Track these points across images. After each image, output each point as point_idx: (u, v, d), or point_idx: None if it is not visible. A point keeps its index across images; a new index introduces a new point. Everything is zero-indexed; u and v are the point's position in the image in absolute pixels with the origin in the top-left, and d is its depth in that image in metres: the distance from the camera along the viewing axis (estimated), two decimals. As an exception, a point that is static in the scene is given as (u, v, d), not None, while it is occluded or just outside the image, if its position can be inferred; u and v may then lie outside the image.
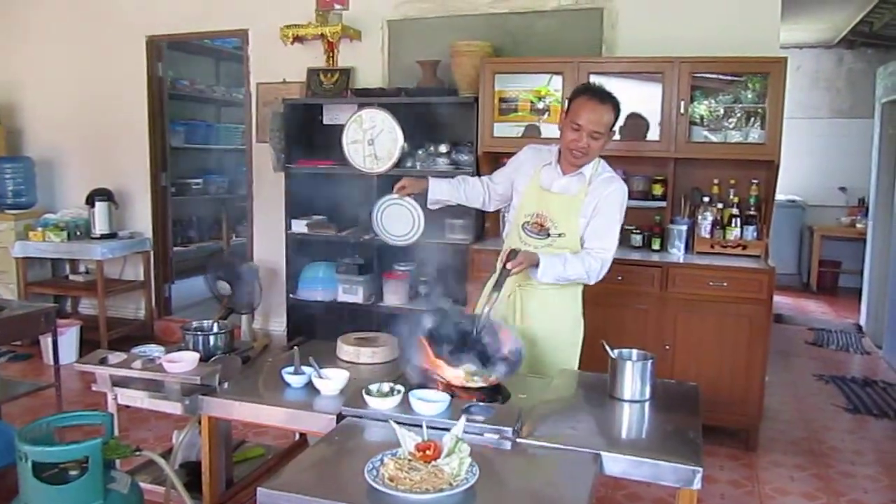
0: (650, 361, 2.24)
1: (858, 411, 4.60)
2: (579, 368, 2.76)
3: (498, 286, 2.46)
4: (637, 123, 4.30)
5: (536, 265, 2.54)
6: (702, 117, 4.24)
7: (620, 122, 4.24)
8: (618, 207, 2.69)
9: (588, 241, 2.68)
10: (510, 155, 2.98)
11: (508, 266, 2.46)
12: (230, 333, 2.72)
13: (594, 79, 4.16)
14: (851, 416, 4.54)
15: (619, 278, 3.97)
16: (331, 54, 5.11)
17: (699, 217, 4.26)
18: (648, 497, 3.39)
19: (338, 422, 2.04)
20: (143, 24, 5.75)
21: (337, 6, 5.03)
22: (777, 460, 3.86)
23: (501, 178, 2.90)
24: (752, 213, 4.21)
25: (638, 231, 4.39)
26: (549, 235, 2.67)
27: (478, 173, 4.08)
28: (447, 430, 1.77)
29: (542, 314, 2.72)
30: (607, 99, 2.60)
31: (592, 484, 1.73)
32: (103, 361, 2.51)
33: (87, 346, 5.08)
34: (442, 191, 2.87)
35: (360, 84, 5.07)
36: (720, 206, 4.27)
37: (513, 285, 2.67)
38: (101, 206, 5.60)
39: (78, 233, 5.68)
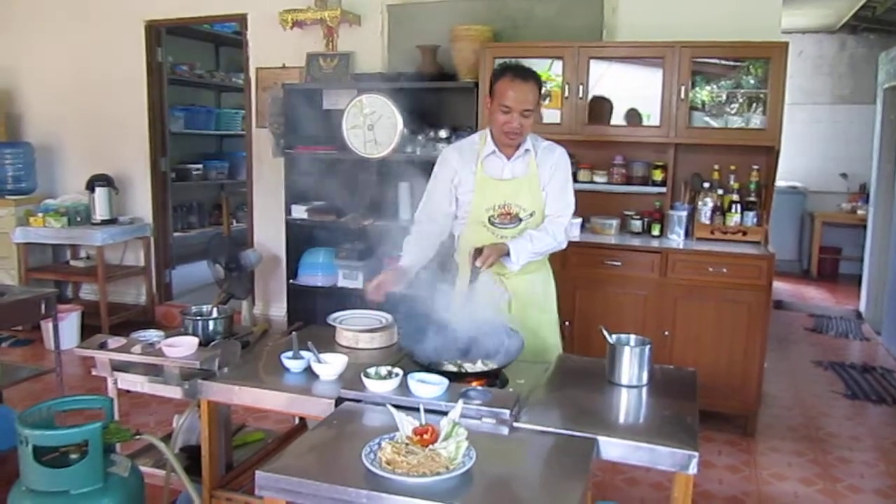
0: (647, 347, 2.24)
1: (857, 397, 4.61)
2: (564, 350, 2.82)
3: (472, 283, 2.49)
4: (603, 108, 4.38)
5: (506, 254, 2.56)
6: (703, 102, 4.23)
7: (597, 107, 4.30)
8: (567, 171, 2.76)
9: (547, 208, 2.72)
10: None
11: (477, 264, 2.45)
12: (229, 318, 2.73)
13: (594, 64, 4.18)
14: (850, 402, 4.55)
15: (619, 264, 3.98)
16: (330, 39, 5.09)
17: (699, 203, 4.26)
18: (646, 482, 3.41)
19: (336, 406, 2.04)
20: (142, 9, 5.73)
21: (336, -10, 5.01)
22: (775, 446, 3.87)
23: (442, 196, 2.75)
24: (752, 199, 4.20)
25: (638, 217, 4.39)
26: (520, 220, 2.68)
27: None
28: (445, 413, 1.77)
29: (531, 302, 2.75)
30: (529, 76, 2.61)
31: (589, 468, 1.74)
32: (103, 346, 2.53)
33: (88, 331, 5.09)
34: (418, 261, 2.70)
35: (360, 69, 5.05)
36: (720, 191, 4.26)
37: (494, 278, 2.68)
38: (101, 192, 5.60)
39: (78, 218, 5.68)
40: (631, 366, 2.22)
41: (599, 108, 4.39)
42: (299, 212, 4.88)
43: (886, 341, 5.78)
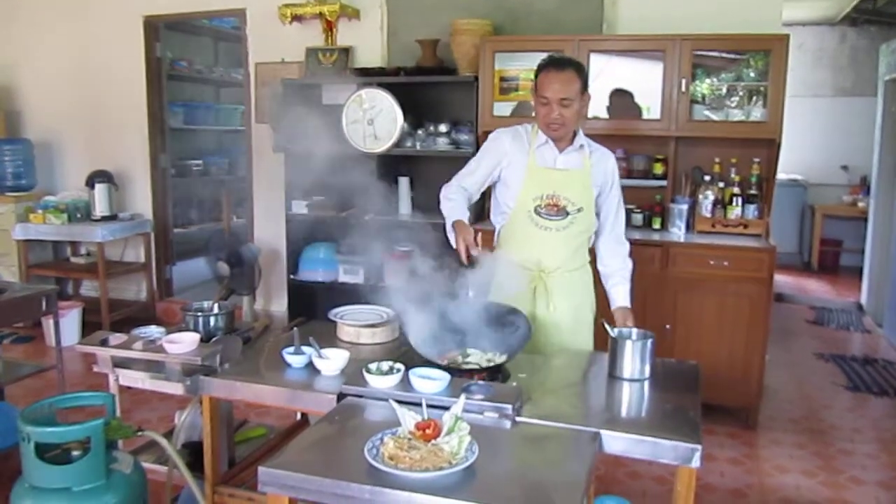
0: (650, 340, 2.24)
1: (858, 389, 4.61)
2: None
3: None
4: (624, 101, 4.31)
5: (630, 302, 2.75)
6: (703, 96, 4.22)
7: (605, 100, 4.30)
8: (618, 179, 2.80)
9: (607, 219, 2.77)
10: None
11: (612, 334, 2.34)
12: (231, 314, 2.72)
13: (595, 57, 4.17)
14: (851, 394, 4.56)
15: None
16: (329, 33, 5.08)
17: (700, 196, 4.25)
18: (648, 475, 3.41)
19: (338, 401, 2.04)
20: (141, 4, 5.71)
21: (335, -16, 4.99)
22: (777, 438, 3.88)
23: (482, 173, 2.71)
24: (753, 192, 4.20)
25: (639, 210, 4.39)
26: (567, 214, 2.63)
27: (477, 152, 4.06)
28: (447, 408, 1.77)
29: (568, 300, 2.70)
30: (567, 65, 2.56)
31: (592, 462, 1.73)
32: (104, 343, 2.51)
33: (88, 327, 5.10)
34: (466, 212, 2.65)
35: (359, 63, 5.04)
36: (721, 185, 4.26)
37: (538, 273, 2.66)
38: (101, 188, 5.60)
39: (78, 215, 5.67)
40: (633, 359, 2.21)
41: (621, 102, 4.38)
42: (299, 207, 4.88)
43: (888, 333, 5.78)
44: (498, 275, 2.61)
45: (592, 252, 2.83)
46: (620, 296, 2.75)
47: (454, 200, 2.63)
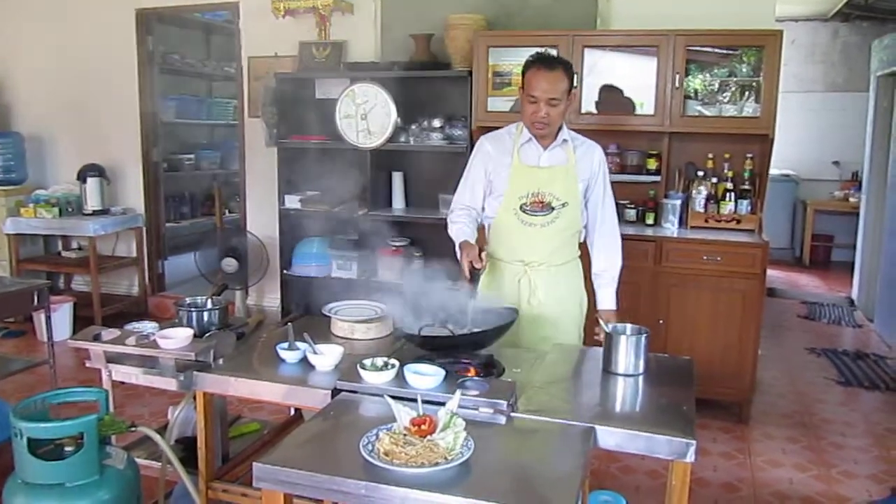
0: (644, 336, 2.24)
1: (850, 384, 4.64)
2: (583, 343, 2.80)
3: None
4: (613, 97, 4.32)
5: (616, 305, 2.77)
6: (696, 91, 4.23)
7: (595, 96, 4.30)
8: (606, 171, 2.80)
9: (595, 212, 2.76)
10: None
11: (607, 330, 2.32)
12: (224, 309, 2.71)
13: (588, 53, 4.17)
14: (843, 388, 4.58)
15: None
16: (323, 28, 5.06)
17: (693, 191, 4.26)
18: (642, 470, 3.42)
19: (332, 397, 2.04)
20: (133, -3, 5.68)
21: (328, -22, 4.97)
22: (769, 433, 3.90)
23: (477, 185, 2.76)
24: (746, 187, 4.21)
25: (632, 206, 4.39)
26: (552, 209, 2.64)
27: (471, 147, 4.05)
28: (442, 404, 1.77)
29: (552, 294, 2.71)
30: (556, 65, 2.58)
31: (586, 457, 1.74)
32: (97, 338, 2.50)
33: (80, 322, 5.07)
34: (472, 233, 2.71)
35: (353, 58, 5.02)
36: (714, 180, 4.27)
37: (522, 267, 2.68)
38: (92, 182, 5.57)
39: (70, 209, 5.65)
40: (627, 355, 2.22)
41: (610, 97, 4.37)
42: (292, 202, 4.86)
43: (879, 328, 5.82)
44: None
45: (584, 248, 2.83)
46: (606, 298, 2.78)
47: (457, 223, 2.70)
